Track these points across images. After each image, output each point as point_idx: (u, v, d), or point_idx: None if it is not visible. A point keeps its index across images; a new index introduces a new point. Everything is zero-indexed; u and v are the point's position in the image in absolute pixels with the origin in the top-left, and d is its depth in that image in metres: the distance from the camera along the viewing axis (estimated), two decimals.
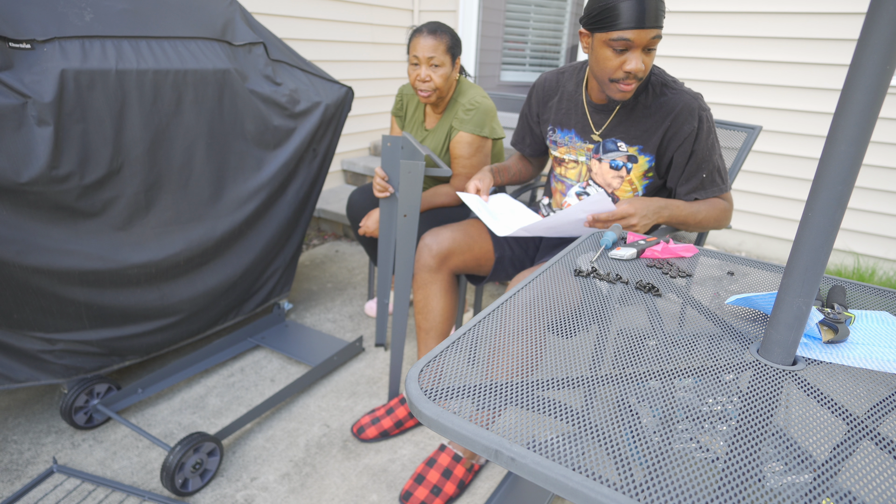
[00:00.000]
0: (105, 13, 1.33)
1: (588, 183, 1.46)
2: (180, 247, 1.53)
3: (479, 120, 1.77)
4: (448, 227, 1.53)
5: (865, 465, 0.52)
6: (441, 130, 1.86)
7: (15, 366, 1.37)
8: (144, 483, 1.36)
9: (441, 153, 1.86)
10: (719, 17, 2.67)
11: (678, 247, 1.06)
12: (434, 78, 1.71)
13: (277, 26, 2.65)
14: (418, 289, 1.54)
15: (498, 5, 3.84)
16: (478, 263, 1.55)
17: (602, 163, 1.41)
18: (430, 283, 1.52)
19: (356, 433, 1.54)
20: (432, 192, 1.84)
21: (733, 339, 0.75)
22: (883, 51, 0.52)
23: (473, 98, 1.79)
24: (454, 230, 1.52)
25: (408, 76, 1.82)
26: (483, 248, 1.55)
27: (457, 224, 1.55)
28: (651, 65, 1.25)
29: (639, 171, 1.38)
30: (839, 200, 0.58)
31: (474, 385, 0.62)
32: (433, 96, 1.75)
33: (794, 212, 2.75)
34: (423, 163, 1.41)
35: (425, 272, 1.52)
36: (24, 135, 1.18)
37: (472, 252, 1.53)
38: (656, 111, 1.32)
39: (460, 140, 1.79)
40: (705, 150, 1.33)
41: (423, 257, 1.51)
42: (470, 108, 1.77)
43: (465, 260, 1.53)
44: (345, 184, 3.39)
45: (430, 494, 1.33)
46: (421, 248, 1.52)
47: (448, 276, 1.53)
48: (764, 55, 2.61)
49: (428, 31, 1.70)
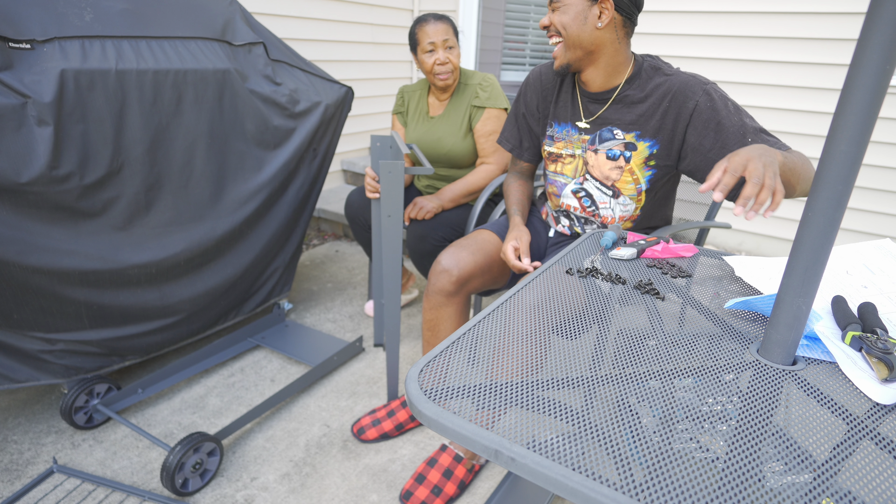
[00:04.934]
0: (105, 13, 1.33)
1: (585, 178, 1.34)
2: (181, 247, 1.53)
3: (497, 94, 1.88)
4: (466, 248, 1.40)
5: (865, 465, 0.52)
6: (455, 114, 1.90)
7: (15, 366, 1.37)
8: (144, 483, 1.36)
9: (460, 135, 1.89)
10: (719, 17, 2.67)
11: (678, 247, 1.06)
12: (452, 59, 1.81)
13: (277, 26, 2.65)
14: (430, 308, 1.45)
15: (498, 5, 3.84)
16: (494, 280, 1.48)
17: (598, 154, 1.30)
18: (444, 305, 1.43)
19: (356, 433, 1.54)
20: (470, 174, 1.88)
21: (733, 339, 0.75)
22: (883, 51, 0.52)
23: (484, 77, 1.90)
24: (473, 252, 1.39)
25: (421, 66, 1.84)
26: (501, 264, 1.46)
27: (473, 241, 1.42)
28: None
29: (639, 158, 1.26)
30: (839, 200, 0.58)
31: (474, 385, 0.62)
32: (451, 78, 1.84)
33: (794, 212, 2.75)
34: (402, 162, 1.39)
35: (441, 296, 1.41)
36: (24, 135, 1.18)
37: (492, 273, 1.44)
38: (651, 94, 1.23)
39: (489, 116, 1.86)
40: (733, 117, 1.15)
41: (440, 281, 1.39)
42: (487, 86, 1.87)
43: (485, 282, 1.45)
44: (345, 184, 3.39)
45: (430, 494, 1.33)
46: (439, 272, 1.39)
47: (464, 299, 1.46)
48: (764, 55, 2.61)
49: (434, 18, 1.81)
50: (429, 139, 1.93)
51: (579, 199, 1.38)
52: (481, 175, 1.88)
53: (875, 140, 2.50)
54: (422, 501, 1.31)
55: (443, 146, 1.90)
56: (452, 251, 1.40)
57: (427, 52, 1.79)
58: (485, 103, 1.85)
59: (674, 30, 2.78)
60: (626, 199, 1.32)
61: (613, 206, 1.34)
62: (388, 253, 1.49)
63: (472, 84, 1.88)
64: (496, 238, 1.47)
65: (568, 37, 1.19)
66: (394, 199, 1.43)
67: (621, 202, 1.33)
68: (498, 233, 1.49)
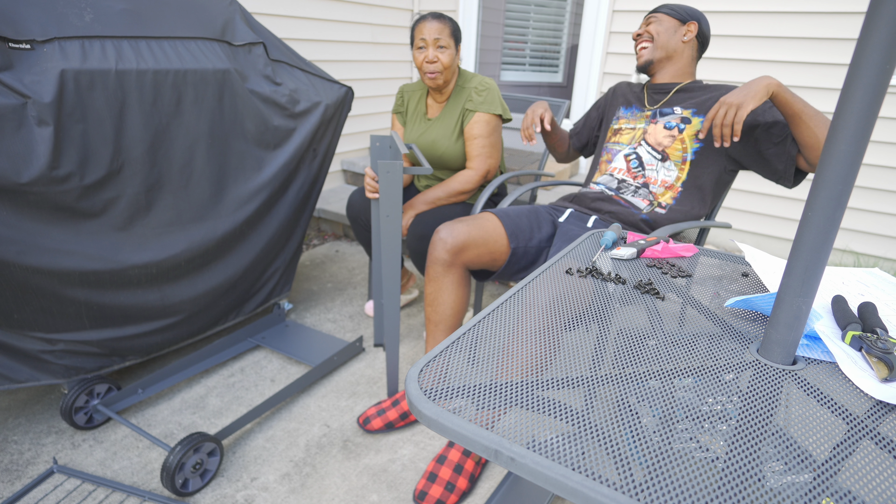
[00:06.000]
0: (105, 13, 1.33)
1: (640, 143, 1.57)
2: (181, 247, 1.53)
3: (492, 99, 1.85)
4: (462, 221, 1.51)
5: (865, 465, 0.52)
6: (449, 117, 1.89)
7: (15, 366, 1.37)
8: (144, 483, 1.37)
9: (453, 138, 1.88)
10: (720, 17, 2.67)
11: (678, 247, 1.06)
12: (441, 58, 1.78)
13: (277, 26, 2.65)
14: (430, 281, 1.54)
15: (498, 5, 3.84)
16: (492, 258, 1.53)
17: (658, 124, 1.55)
18: (442, 275, 1.52)
19: (361, 424, 1.57)
20: (451, 178, 1.88)
21: (733, 338, 0.75)
22: (883, 50, 0.52)
23: (482, 80, 1.87)
24: (469, 224, 1.50)
25: (413, 61, 1.85)
26: (498, 241, 1.52)
27: (471, 217, 1.53)
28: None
29: (691, 130, 1.49)
30: (839, 200, 0.58)
31: (474, 385, 0.62)
32: (440, 78, 1.81)
33: (795, 211, 2.75)
34: (401, 162, 1.39)
35: (438, 265, 1.50)
36: (24, 135, 1.18)
37: (487, 246, 1.51)
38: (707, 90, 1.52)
39: (478, 120, 1.84)
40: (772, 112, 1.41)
41: (436, 250, 1.49)
42: (482, 90, 1.85)
43: (480, 254, 1.51)
44: (345, 184, 3.39)
45: (444, 491, 1.34)
46: (435, 241, 1.50)
47: (461, 269, 1.52)
48: (764, 55, 2.61)
49: (433, 17, 1.79)
50: (424, 141, 1.92)
51: (627, 162, 1.60)
52: (460, 180, 1.86)
53: (875, 140, 2.50)
54: (437, 500, 1.32)
55: (437, 149, 1.89)
56: (449, 223, 1.51)
57: (418, 48, 1.79)
58: (477, 107, 1.83)
59: None
60: (671, 164, 1.52)
61: (658, 169, 1.54)
62: (387, 253, 1.49)
63: (469, 87, 1.87)
64: (495, 219, 1.54)
65: (658, 41, 1.53)
66: (392, 199, 1.43)
67: (667, 166, 1.53)
68: (499, 215, 1.56)
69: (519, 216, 1.56)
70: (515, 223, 1.54)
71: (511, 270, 1.59)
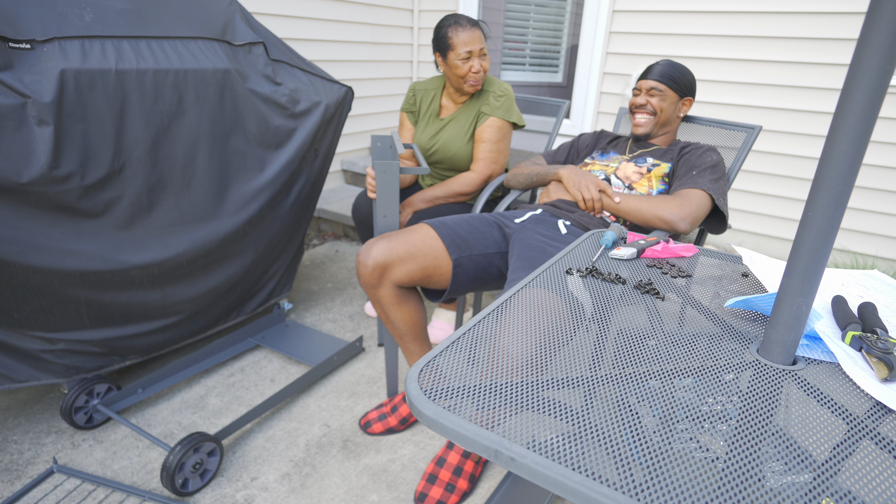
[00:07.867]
0: (105, 13, 1.33)
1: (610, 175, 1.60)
2: (183, 248, 1.53)
3: (509, 106, 1.86)
4: (385, 237, 1.37)
5: (865, 465, 0.52)
6: (464, 118, 1.89)
7: (15, 365, 1.37)
8: (144, 483, 1.37)
9: (466, 139, 1.89)
10: (720, 16, 2.67)
11: (678, 247, 1.06)
12: (484, 66, 1.82)
13: (277, 26, 2.65)
14: (373, 303, 1.43)
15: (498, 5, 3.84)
16: (427, 273, 1.38)
17: (629, 163, 1.60)
18: (377, 298, 1.40)
19: (363, 426, 1.57)
20: (453, 179, 1.88)
21: (733, 338, 0.75)
22: (883, 51, 0.52)
23: (501, 85, 1.89)
24: (392, 239, 1.36)
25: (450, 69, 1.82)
26: (435, 255, 1.38)
27: (399, 231, 1.41)
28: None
29: (659, 172, 1.56)
30: (839, 200, 0.58)
31: (474, 385, 0.62)
32: (480, 84, 1.85)
33: (794, 211, 2.75)
34: (397, 163, 1.37)
35: (368, 289, 1.39)
36: (24, 135, 1.18)
37: (418, 261, 1.36)
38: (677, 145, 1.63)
39: (491, 125, 1.85)
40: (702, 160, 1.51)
41: (361, 274, 1.37)
42: (501, 95, 1.87)
43: (409, 271, 1.36)
44: (345, 184, 3.39)
45: (444, 492, 1.34)
46: (357, 261, 1.38)
47: (392, 289, 1.39)
48: (764, 55, 2.61)
49: (469, 24, 1.78)
50: (437, 141, 1.92)
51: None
52: (461, 181, 1.86)
53: (875, 140, 2.50)
54: (437, 500, 1.33)
55: (450, 149, 1.89)
56: (372, 240, 1.38)
57: (463, 59, 1.77)
58: (493, 112, 1.84)
59: (674, 30, 2.78)
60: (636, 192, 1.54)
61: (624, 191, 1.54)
62: None
63: (489, 91, 1.87)
64: (430, 231, 1.41)
65: (661, 116, 1.62)
66: (389, 199, 1.43)
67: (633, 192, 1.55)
68: (435, 226, 1.43)
69: (458, 224, 1.45)
70: (454, 232, 1.41)
71: (461, 284, 1.43)
